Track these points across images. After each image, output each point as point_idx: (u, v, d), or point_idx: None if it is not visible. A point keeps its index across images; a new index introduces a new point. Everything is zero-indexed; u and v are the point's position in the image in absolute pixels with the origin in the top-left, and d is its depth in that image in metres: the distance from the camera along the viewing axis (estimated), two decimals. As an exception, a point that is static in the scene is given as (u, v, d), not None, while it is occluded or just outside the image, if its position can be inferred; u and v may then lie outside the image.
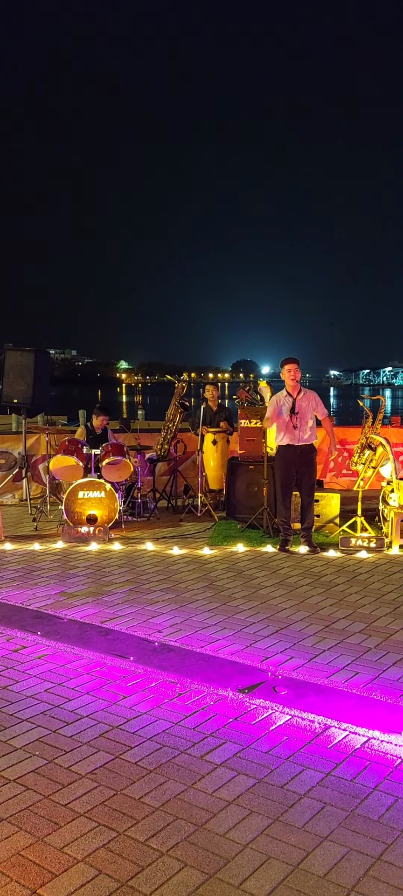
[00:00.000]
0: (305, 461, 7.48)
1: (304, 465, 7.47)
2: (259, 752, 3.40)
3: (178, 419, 9.75)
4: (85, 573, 6.62)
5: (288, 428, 7.43)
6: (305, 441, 7.45)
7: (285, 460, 7.52)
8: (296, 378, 7.51)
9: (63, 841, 2.73)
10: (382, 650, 4.70)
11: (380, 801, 2.99)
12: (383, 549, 7.37)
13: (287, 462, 7.50)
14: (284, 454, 7.53)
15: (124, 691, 4.08)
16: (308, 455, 7.51)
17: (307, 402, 7.49)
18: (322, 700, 3.95)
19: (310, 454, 7.54)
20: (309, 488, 7.54)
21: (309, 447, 7.50)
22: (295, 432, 7.40)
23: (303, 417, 7.42)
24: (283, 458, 7.54)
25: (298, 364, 7.59)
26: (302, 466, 7.47)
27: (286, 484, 7.55)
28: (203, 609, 5.56)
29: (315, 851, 2.67)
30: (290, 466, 7.48)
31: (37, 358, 9.65)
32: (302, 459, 7.46)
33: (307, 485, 7.52)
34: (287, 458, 7.50)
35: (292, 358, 7.58)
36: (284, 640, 4.90)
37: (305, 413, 7.44)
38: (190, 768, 3.26)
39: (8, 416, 15.80)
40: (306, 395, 7.53)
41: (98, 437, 9.12)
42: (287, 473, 7.52)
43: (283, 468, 7.55)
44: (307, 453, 7.50)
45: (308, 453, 7.50)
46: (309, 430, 7.47)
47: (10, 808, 2.95)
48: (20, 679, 4.25)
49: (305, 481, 7.52)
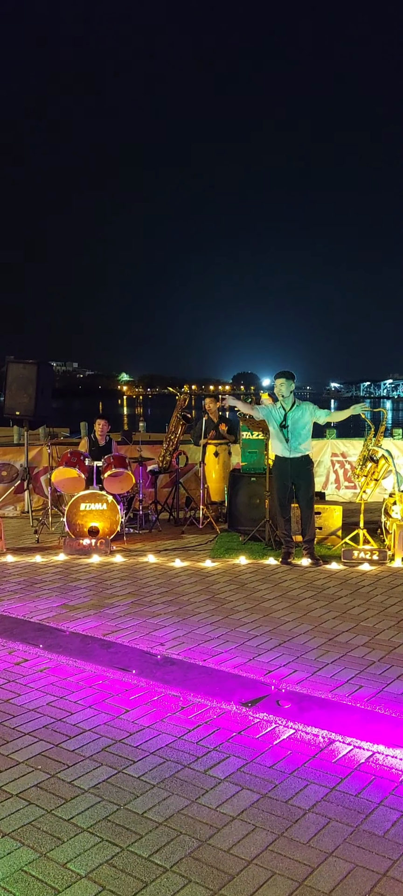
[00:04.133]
0: (299, 473, 7.49)
1: (299, 476, 7.49)
2: (263, 766, 3.38)
3: (180, 431, 9.75)
4: (87, 586, 6.61)
5: (280, 439, 7.49)
6: (298, 453, 7.47)
7: (279, 471, 7.58)
8: (283, 394, 7.50)
9: (66, 857, 2.71)
10: (386, 663, 4.68)
11: (385, 817, 2.97)
12: (386, 562, 7.35)
13: (281, 473, 7.54)
14: (278, 465, 7.60)
15: (127, 705, 4.06)
16: (302, 466, 7.52)
17: (300, 413, 7.51)
18: (326, 714, 3.92)
19: (305, 466, 7.55)
20: (307, 500, 7.53)
21: (303, 458, 7.52)
22: (287, 444, 7.43)
23: (295, 429, 7.44)
24: (278, 470, 7.61)
25: (288, 378, 7.54)
26: (296, 478, 7.49)
27: (282, 495, 7.57)
28: (205, 622, 5.54)
29: (320, 867, 2.64)
30: (285, 478, 7.51)
31: (39, 370, 9.67)
32: (296, 471, 7.47)
33: (304, 496, 7.53)
34: (281, 470, 7.55)
35: (283, 372, 7.59)
36: (287, 653, 4.88)
37: (296, 424, 7.46)
38: (193, 783, 3.23)
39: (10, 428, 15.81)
40: (300, 408, 7.54)
41: (101, 449, 9.12)
42: (281, 485, 7.56)
43: (278, 480, 7.61)
44: (301, 465, 7.51)
45: (302, 465, 7.52)
46: (302, 441, 7.48)
47: (13, 823, 2.92)
48: (22, 692, 4.23)
49: (302, 493, 7.53)
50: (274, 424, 7.55)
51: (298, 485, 7.52)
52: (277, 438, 7.56)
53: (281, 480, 7.55)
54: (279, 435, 7.51)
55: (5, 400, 9.82)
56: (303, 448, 7.50)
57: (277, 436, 7.55)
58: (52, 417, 9.78)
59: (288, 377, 7.56)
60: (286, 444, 7.46)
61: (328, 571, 7.15)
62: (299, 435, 7.47)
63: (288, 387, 7.53)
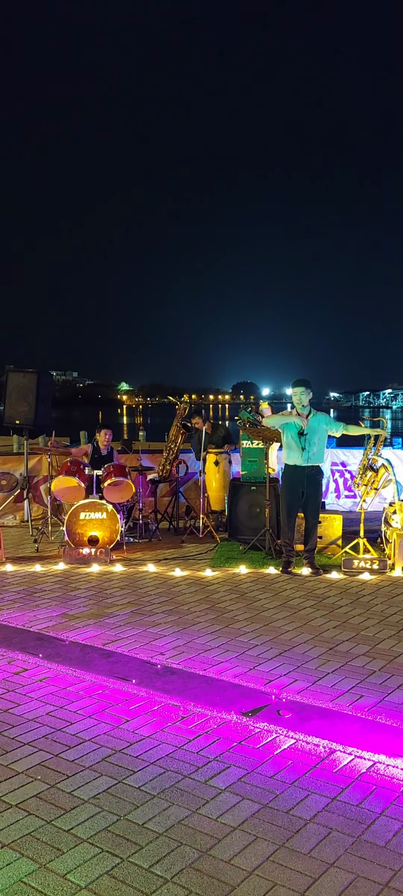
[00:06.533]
0: (312, 482, 7.47)
1: (311, 486, 7.46)
2: (263, 776, 3.36)
3: (180, 440, 9.75)
4: (86, 595, 6.59)
5: (296, 448, 7.44)
6: (313, 462, 7.45)
7: (292, 481, 7.51)
8: (303, 402, 7.52)
9: (66, 867, 2.69)
10: (387, 673, 4.66)
11: (387, 827, 2.95)
12: (386, 571, 7.34)
13: (293, 482, 7.49)
14: (291, 474, 7.52)
15: (127, 714, 4.05)
16: (314, 477, 7.50)
17: (317, 422, 7.50)
18: (326, 723, 3.91)
19: (317, 476, 7.54)
20: (315, 510, 7.53)
21: (316, 469, 7.50)
22: (302, 453, 7.40)
23: (312, 439, 7.43)
24: (290, 479, 7.53)
25: (307, 386, 7.56)
26: (308, 487, 7.45)
27: (292, 505, 7.53)
28: (205, 631, 5.53)
29: (321, 878, 2.63)
30: (297, 487, 7.47)
31: (39, 379, 9.67)
32: (309, 480, 7.44)
33: (313, 507, 7.52)
34: (293, 479, 7.49)
35: (301, 380, 7.60)
36: (288, 662, 4.87)
37: (314, 434, 7.44)
38: (194, 793, 3.22)
39: (9, 437, 15.81)
40: (316, 417, 7.54)
41: (103, 458, 9.12)
42: (293, 493, 7.51)
43: (289, 488, 7.53)
44: (314, 475, 7.49)
45: (314, 475, 7.50)
46: (318, 451, 7.47)
47: (12, 834, 2.90)
48: (22, 702, 4.21)
49: (311, 503, 7.50)
50: (292, 432, 7.49)
51: (308, 494, 7.48)
52: (292, 447, 7.46)
53: (293, 489, 7.48)
54: (296, 443, 7.43)
55: (5, 409, 9.83)
56: (318, 458, 7.48)
57: (293, 444, 7.45)
58: (51, 427, 9.79)
59: (307, 385, 7.58)
60: (302, 453, 7.39)
61: (328, 581, 7.14)
62: (315, 444, 7.43)
63: (308, 395, 7.55)
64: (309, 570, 7.42)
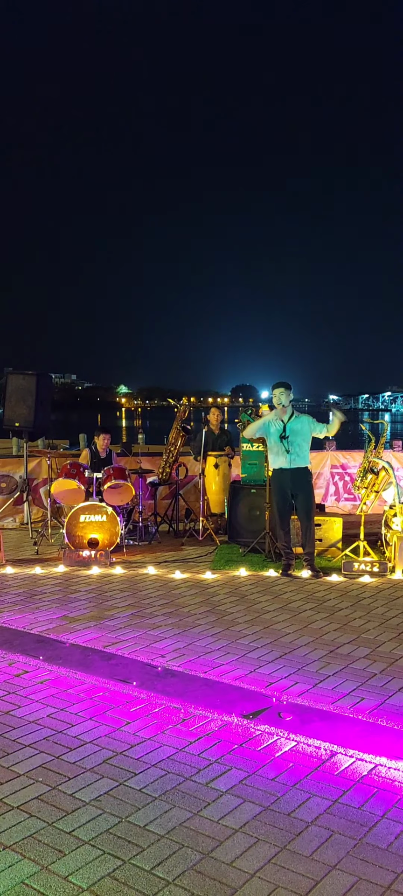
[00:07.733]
0: (299, 484, 7.50)
1: (298, 488, 7.49)
2: (265, 778, 3.36)
3: (180, 443, 9.76)
4: (86, 597, 6.59)
5: (279, 451, 7.49)
6: (297, 464, 7.47)
7: (278, 483, 7.58)
8: (282, 402, 7.51)
9: (67, 869, 2.69)
10: (387, 675, 4.66)
11: (389, 830, 2.95)
12: (386, 574, 7.34)
13: (281, 485, 7.54)
14: (277, 477, 7.60)
15: (127, 717, 4.04)
16: (302, 478, 7.52)
17: (299, 424, 7.53)
18: (327, 726, 3.90)
19: (304, 477, 7.57)
20: (307, 511, 7.52)
21: (302, 470, 7.53)
22: (287, 455, 7.44)
23: (295, 440, 7.44)
24: (277, 482, 7.61)
25: (286, 387, 7.57)
26: (296, 490, 7.49)
27: (282, 508, 7.57)
28: (206, 634, 5.53)
29: (323, 881, 2.63)
30: (285, 490, 7.51)
31: (39, 382, 9.68)
32: (295, 482, 7.48)
33: (303, 508, 7.53)
34: (281, 482, 7.55)
35: (281, 382, 7.61)
36: (288, 665, 4.86)
37: (296, 436, 7.47)
38: (195, 795, 3.21)
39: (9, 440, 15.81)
40: (299, 419, 7.56)
41: (102, 461, 9.11)
42: (281, 497, 7.56)
43: (277, 491, 7.61)
44: (301, 476, 7.52)
45: (301, 476, 7.52)
46: (302, 452, 7.49)
47: (14, 836, 2.90)
48: (22, 704, 4.20)
49: (301, 504, 7.53)
50: (273, 436, 7.56)
51: (297, 496, 7.52)
52: (276, 450, 7.57)
53: (281, 492, 7.56)
54: (278, 446, 7.51)
55: (4, 411, 9.83)
56: (303, 460, 7.51)
57: (276, 448, 7.56)
58: (50, 429, 9.79)
59: (287, 387, 7.59)
60: (286, 456, 7.46)
61: (328, 583, 7.13)
62: (299, 446, 7.48)
63: (288, 396, 7.56)
64: (309, 573, 7.43)
